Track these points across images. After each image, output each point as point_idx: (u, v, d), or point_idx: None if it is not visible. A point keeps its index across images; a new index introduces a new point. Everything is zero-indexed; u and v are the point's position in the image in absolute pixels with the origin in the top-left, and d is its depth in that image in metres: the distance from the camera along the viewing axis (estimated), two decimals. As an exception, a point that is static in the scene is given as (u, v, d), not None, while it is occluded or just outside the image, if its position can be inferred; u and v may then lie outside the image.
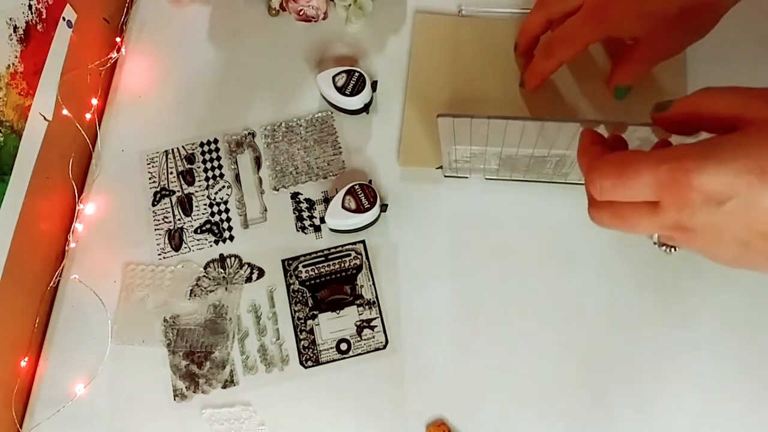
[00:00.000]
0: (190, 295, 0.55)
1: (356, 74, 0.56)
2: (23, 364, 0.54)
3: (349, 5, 0.60)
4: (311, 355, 0.53)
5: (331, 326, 0.53)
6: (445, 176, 0.55)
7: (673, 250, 0.36)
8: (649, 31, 0.47)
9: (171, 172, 0.60)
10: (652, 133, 0.41)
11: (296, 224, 0.57)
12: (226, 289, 0.55)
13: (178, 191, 0.59)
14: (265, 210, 0.58)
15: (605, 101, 0.55)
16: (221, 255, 0.57)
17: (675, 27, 0.46)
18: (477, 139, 0.48)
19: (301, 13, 0.60)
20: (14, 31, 0.51)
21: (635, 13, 0.46)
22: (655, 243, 0.36)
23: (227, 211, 0.58)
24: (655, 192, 0.32)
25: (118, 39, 0.65)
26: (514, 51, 0.57)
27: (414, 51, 0.60)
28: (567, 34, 0.50)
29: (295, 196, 0.58)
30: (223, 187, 0.59)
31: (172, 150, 0.60)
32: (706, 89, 0.35)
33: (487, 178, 0.55)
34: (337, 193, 0.54)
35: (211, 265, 0.56)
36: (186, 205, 0.59)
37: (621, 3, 0.46)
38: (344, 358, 0.52)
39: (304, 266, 0.55)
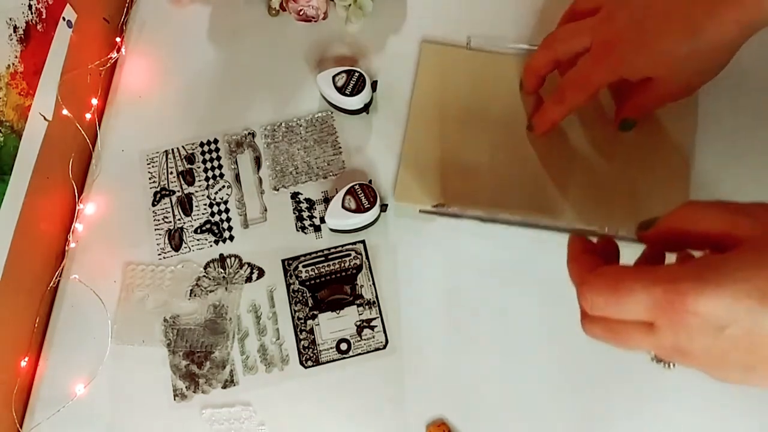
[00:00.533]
0: (190, 295, 0.56)
1: (356, 74, 0.56)
2: (23, 364, 0.54)
3: (349, 5, 0.60)
4: (311, 355, 0.53)
5: (331, 326, 0.53)
6: (441, 216, 0.54)
7: (672, 366, 0.35)
8: (660, 71, 0.47)
9: (171, 172, 0.60)
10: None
11: (296, 224, 0.57)
12: (226, 289, 0.55)
13: (178, 191, 0.59)
14: (265, 210, 0.58)
15: (610, 144, 0.54)
16: (221, 255, 0.57)
17: (685, 67, 0.46)
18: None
19: (301, 13, 0.60)
20: (14, 31, 0.51)
21: (646, 53, 0.45)
22: (652, 359, 0.35)
23: (227, 211, 0.58)
24: (649, 313, 0.31)
25: (118, 39, 0.64)
26: (520, 89, 0.56)
27: (418, 83, 0.58)
28: (578, 77, 0.48)
29: (295, 196, 0.58)
30: (223, 187, 0.59)
31: (172, 150, 0.60)
32: (690, 204, 0.33)
33: (483, 221, 0.54)
34: (337, 193, 0.54)
35: (211, 265, 0.56)
36: (186, 205, 0.59)
37: (631, 43, 0.46)
38: (344, 358, 0.52)
39: (304, 266, 0.55)
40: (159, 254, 0.57)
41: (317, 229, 0.56)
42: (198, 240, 0.57)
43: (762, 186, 0.52)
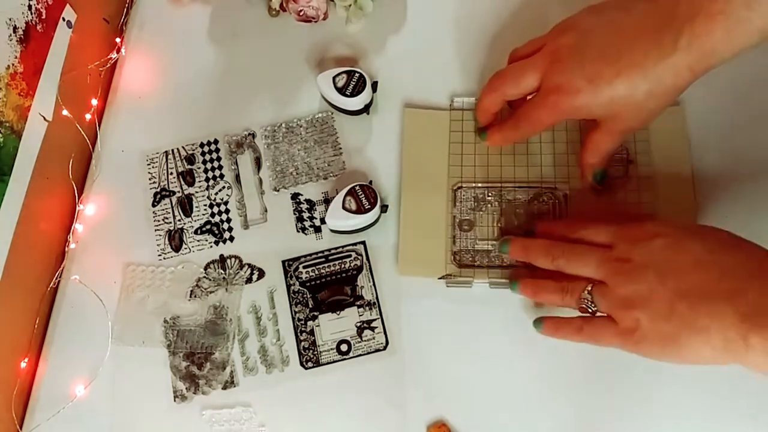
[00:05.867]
0: (191, 296, 0.55)
1: (356, 75, 0.56)
2: (23, 364, 0.54)
3: (350, 5, 0.60)
4: (311, 356, 0.53)
5: (331, 327, 0.53)
6: (448, 286, 0.53)
7: (594, 311, 0.45)
8: (612, 114, 0.46)
9: (171, 173, 0.60)
10: None
11: (296, 225, 0.57)
12: (226, 290, 0.55)
13: (179, 192, 0.59)
14: (266, 211, 0.58)
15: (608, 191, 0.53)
16: (221, 256, 0.57)
17: (640, 108, 0.45)
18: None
19: (301, 14, 0.59)
20: (14, 32, 0.51)
21: (598, 101, 0.45)
22: (584, 298, 0.45)
23: (227, 211, 0.58)
24: (610, 237, 0.46)
25: (117, 39, 0.64)
26: (479, 135, 0.55)
27: (405, 150, 0.57)
28: (529, 116, 0.49)
29: (295, 196, 0.57)
30: (224, 187, 0.59)
31: (172, 150, 0.60)
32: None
33: (491, 286, 0.52)
34: (337, 193, 0.54)
35: (212, 265, 0.56)
36: (186, 205, 0.59)
37: (583, 92, 0.45)
38: (344, 359, 0.52)
39: (304, 267, 0.55)
40: (159, 255, 0.57)
41: (317, 230, 0.56)
42: (198, 241, 0.57)
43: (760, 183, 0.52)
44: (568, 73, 0.46)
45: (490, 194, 0.54)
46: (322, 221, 0.56)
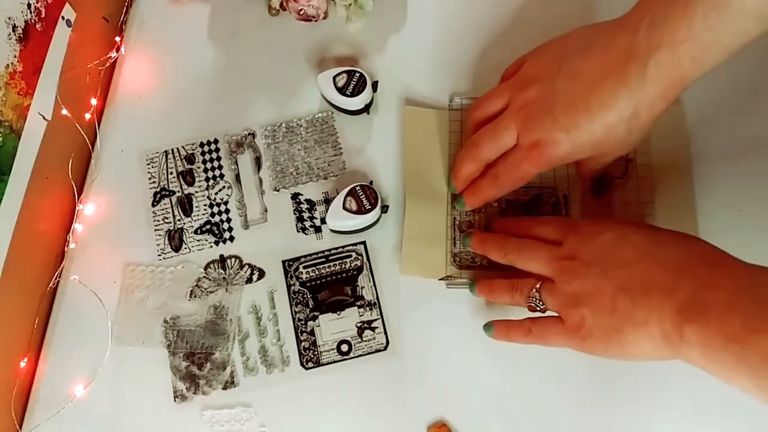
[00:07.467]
0: (191, 296, 0.55)
1: (357, 74, 0.56)
2: (23, 364, 0.54)
3: (350, 5, 0.60)
4: (312, 356, 0.53)
5: (331, 327, 0.53)
6: (448, 287, 0.53)
7: (543, 310, 0.45)
8: (597, 152, 0.46)
9: (171, 173, 0.59)
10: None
11: (297, 225, 0.57)
12: (226, 290, 0.55)
13: (178, 191, 0.59)
14: (266, 211, 0.58)
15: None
16: (221, 256, 0.56)
17: (623, 141, 0.45)
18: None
19: (301, 13, 0.59)
20: (13, 31, 0.51)
21: (580, 147, 0.45)
22: (533, 297, 0.45)
23: (227, 211, 0.58)
24: (560, 233, 0.46)
25: (117, 38, 0.64)
26: (447, 185, 0.54)
27: (406, 151, 0.57)
28: (510, 172, 0.48)
29: (295, 196, 0.57)
30: (224, 187, 0.59)
31: (172, 150, 0.60)
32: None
33: None
34: (337, 194, 0.54)
35: (212, 265, 0.56)
36: (186, 205, 0.58)
37: (563, 143, 0.45)
38: (345, 359, 0.52)
39: (304, 267, 0.55)
40: (159, 255, 0.57)
41: (318, 230, 0.56)
42: (198, 241, 0.57)
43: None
44: (545, 129, 0.45)
45: None
46: (323, 221, 0.56)
